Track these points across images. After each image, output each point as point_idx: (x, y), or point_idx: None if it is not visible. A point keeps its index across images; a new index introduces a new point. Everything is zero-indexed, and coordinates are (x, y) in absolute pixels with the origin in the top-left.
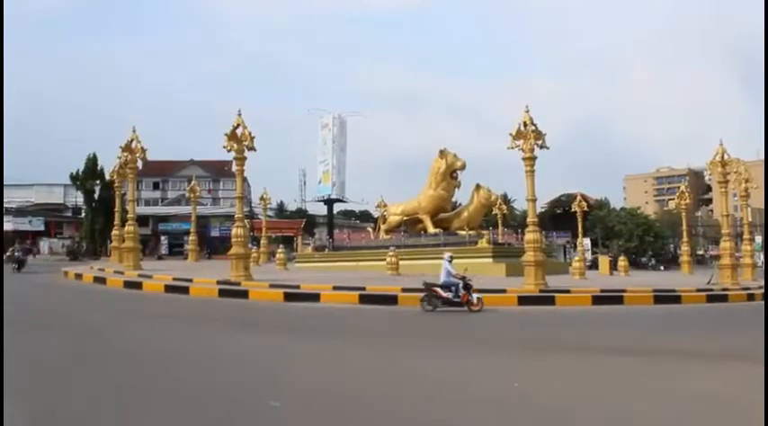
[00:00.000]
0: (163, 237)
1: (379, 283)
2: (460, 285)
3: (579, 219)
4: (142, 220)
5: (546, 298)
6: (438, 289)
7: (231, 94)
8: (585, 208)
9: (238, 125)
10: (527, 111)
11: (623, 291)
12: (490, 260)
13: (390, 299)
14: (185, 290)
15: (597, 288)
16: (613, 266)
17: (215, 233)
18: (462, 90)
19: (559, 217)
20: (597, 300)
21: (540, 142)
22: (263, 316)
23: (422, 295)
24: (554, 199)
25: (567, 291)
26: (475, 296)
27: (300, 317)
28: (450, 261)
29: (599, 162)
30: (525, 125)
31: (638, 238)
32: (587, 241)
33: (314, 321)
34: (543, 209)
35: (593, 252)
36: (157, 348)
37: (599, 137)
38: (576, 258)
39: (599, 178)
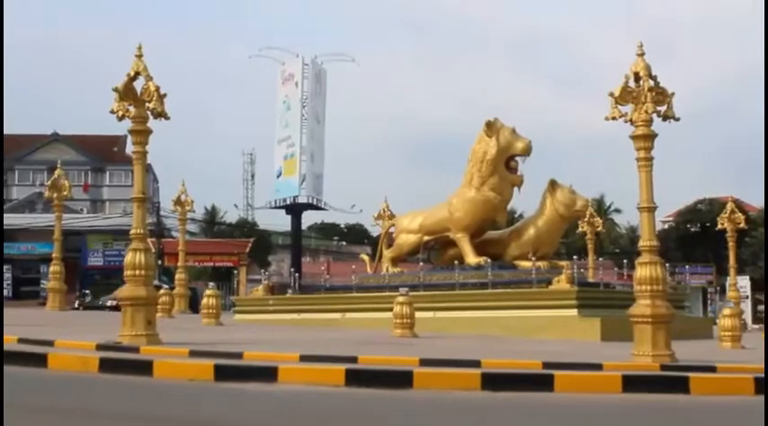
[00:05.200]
0: (5, 267)
1: (381, 350)
2: None
3: (731, 243)
4: None
5: (672, 381)
6: None
7: (126, 25)
8: (741, 224)
9: (137, 73)
10: (641, 55)
11: None
12: (574, 312)
13: (400, 379)
14: (40, 360)
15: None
16: None
17: (95, 260)
18: (530, 17)
19: (695, 239)
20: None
21: (663, 109)
22: (176, 414)
23: None
24: (686, 208)
25: (711, 369)
26: None
27: (245, 418)
28: None
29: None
30: (638, 79)
31: None
32: (745, 280)
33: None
34: (668, 226)
35: (756, 301)
36: None
37: None
38: (727, 310)
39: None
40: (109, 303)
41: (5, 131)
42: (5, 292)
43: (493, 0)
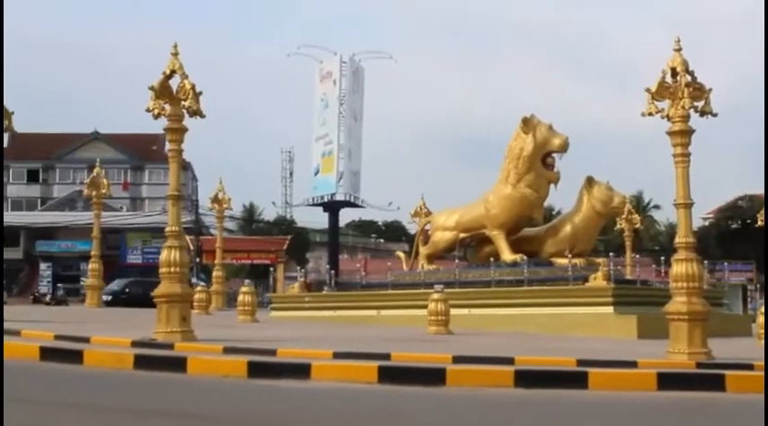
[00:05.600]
0: (44, 265)
1: (415, 347)
2: None
3: None
4: (8, 236)
5: (708, 379)
6: None
7: (165, 25)
8: None
9: (173, 72)
10: (678, 50)
11: None
12: (610, 309)
13: (433, 376)
14: (76, 357)
15: None
16: None
17: (134, 258)
18: (563, 13)
19: (736, 236)
20: None
21: (700, 104)
22: (209, 410)
23: None
24: (725, 205)
25: (749, 367)
26: None
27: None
28: None
29: None
30: (675, 74)
31: None
32: None
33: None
34: (708, 223)
35: None
36: None
37: None
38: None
39: None
40: (103, 298)
41: (46, 130)
42: (45, 288)
43: None
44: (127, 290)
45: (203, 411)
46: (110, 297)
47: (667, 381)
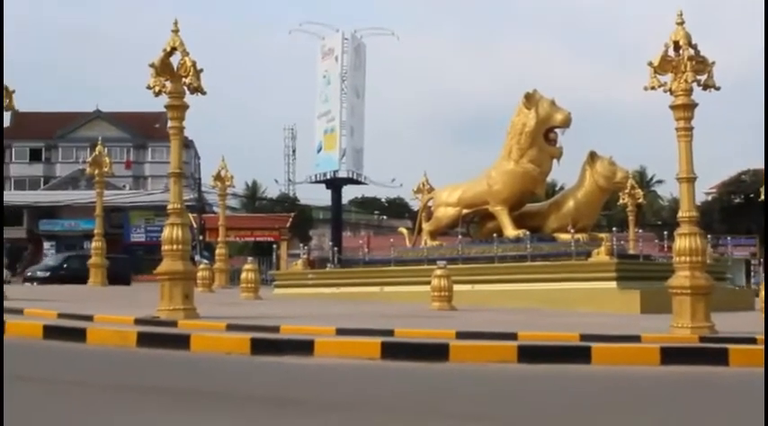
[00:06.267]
0: (47, 244)
1: (418, 323)
2: None
3: None
4: (11, 215)
5: (711, 353)
6: None
7: (167, 3)
8: None
9: (174, 49)
10: (681, 23)
11: None
12: (613, 284)
13: (436, 351)
14: (80, 335)
15: None
16: None
17: (138, 236)
18: None
19: (738, 211)
20: None
21: (703, 78)
22: (212, 386)
23: None
24: (728, 179)
25: (752, 340)
26: None
27: (276, 394)
28: None
29: None
30: (678, 47)
31: None
32: None
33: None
34: (710, 198)
35: None
36: None
37: None
38: None
39: None
40: (39, 274)
41: (49, 109)
42: None
43: None
44: (65, 266)
45: (207, 387)
46: (47, 274)
47: (671, 355)
